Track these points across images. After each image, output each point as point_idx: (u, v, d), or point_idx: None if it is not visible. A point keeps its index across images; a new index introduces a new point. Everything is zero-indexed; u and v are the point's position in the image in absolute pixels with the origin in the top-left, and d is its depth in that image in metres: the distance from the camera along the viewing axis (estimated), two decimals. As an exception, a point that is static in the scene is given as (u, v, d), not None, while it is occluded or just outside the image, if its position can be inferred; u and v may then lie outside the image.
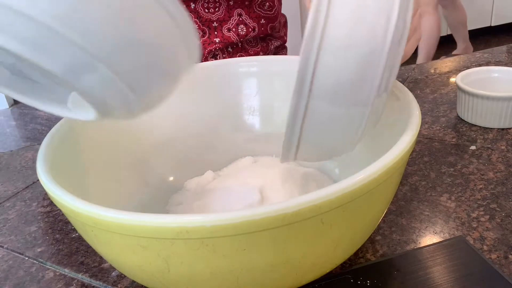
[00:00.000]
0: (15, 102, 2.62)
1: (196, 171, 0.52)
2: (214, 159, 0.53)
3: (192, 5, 0.67)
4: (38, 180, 0.56)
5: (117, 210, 0.29)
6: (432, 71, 0.85)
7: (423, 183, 0.51)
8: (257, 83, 0.54)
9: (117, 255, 0.33)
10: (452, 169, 0.54)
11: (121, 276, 0.43)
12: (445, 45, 2.81)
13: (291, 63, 0.52)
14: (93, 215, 0.30)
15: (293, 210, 0.28)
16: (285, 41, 0.81)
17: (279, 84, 0.53)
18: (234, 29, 0.71)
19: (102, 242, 0.33)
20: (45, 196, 0.58)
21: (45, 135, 0.41)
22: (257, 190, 0.45)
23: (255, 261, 0.30)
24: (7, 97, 2.59)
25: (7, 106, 2.59)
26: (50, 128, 0.42)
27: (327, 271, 0.37)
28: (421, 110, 0.68)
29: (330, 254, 0.34)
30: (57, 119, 0.43)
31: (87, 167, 0.43)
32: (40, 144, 0.40)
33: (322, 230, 0.30)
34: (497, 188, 0.50)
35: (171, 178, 0.51)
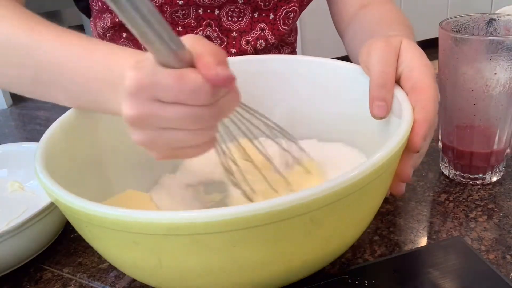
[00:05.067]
0: (14, 103, 2.61)
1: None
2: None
3: (217, 12, 0.65)
4: (36, 180, 0.56)
5: (110, 206, 0.29)
6: (431, 71, 0.85)
7: (421, 183, 0.52)
8: (253, 82, 0.53)
9: (112, 251, 0.34)
10: (450, 169, 0.54)
11: (119, 277, 0.43)
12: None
13: (286, 62, 0.52)
14: (87, 210, 0.30)
15: (282, 207, 0.28)
16: (294, 48, 0.80)
17: (273, 82, 0.53)
18: (253, 43, 0.68)
19: (97, 238, 0.34)
20: (44, 197, 0.57)
21: (43, 136, 0.41)
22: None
23: (246, 257, 0.31)
24: (6, 98, 2.59)
25: (6, 107, 2.58)
26: (48, 129, 0.42)
27: (319, 268, 0.37)
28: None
29: (321, 252, 0.34)
30: (56, 119, 0.43)
31: (84, 165, 0.44)
32: (38, 144, 0.40)
33: (312, 228, 0.31)
34: (495, 188, 0.50)
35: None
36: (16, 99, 2.69)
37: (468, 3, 2.91)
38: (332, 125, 0.50)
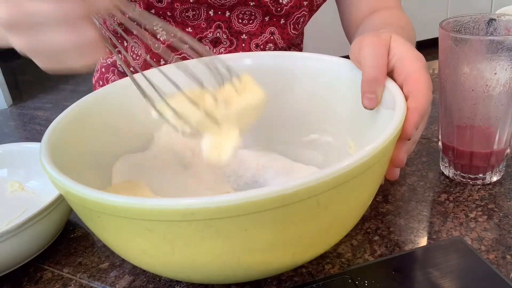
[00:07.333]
0: (14, 103, 2.61)
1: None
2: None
3: (227, 14, 0.65)
4: (36, 180, 0.56)
5: (124, 196, 0.30)
6: (431, 71, 0.85)
7: (421, 183, 0.52)
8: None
9: (123, 240, 0.34)
10: (450, 169, 0.54)
11: (119, 277, 0.43)
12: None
13: (282, 59, 0.53)
14: (101, 200, 0.30)
15: (292, 191, 0.29)
16: (301, 49, 0.80)
17: (270, 79, 0.53)
18: (262, 46, 0.68)
19: (108, 228, 0.34)
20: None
21: (43, 136, 0.41)
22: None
23: (256, 241, 0.32)
24: (6, 98, 2.59)
25: (6, 107, 2.58)
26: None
27: (322, 252, 0.39)
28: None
29: (325, 235, 0.36)
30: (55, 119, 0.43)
31: (88, 157, 0.44)
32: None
33: (318, 211, 0.32)
34: (495, 188, 0.50)
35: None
36: (16, 99, 2.69)
37: (468, 3, 2.91)
38: (331, 118, 0.51)
